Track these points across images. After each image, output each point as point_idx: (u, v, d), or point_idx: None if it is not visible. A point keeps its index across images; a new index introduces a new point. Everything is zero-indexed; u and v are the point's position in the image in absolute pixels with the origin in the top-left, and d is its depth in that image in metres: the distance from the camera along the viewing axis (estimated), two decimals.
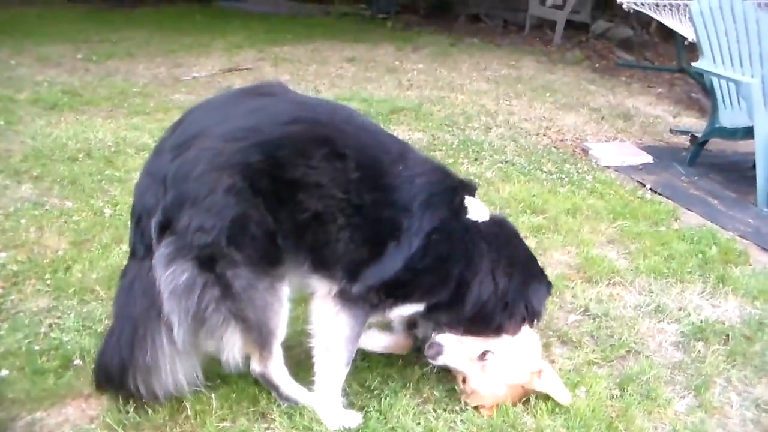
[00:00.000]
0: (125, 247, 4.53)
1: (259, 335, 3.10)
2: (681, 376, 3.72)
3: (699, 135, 7.74)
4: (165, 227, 2.92)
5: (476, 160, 7.11)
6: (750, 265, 5.13)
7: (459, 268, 3.17)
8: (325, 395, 3.24)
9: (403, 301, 3.24)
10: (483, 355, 3.27)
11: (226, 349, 3.10)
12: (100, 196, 5.51)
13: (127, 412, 3.16)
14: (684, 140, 8.44)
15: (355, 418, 3.23)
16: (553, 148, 7.76)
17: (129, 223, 3.18)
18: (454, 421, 3.26)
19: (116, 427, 3.08)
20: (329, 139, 3.02)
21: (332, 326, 3.17)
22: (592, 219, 5.68)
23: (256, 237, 2.96)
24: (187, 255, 2.90)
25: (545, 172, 6.89)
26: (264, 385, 3.30)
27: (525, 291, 3.31)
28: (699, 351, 3.93)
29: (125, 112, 8.03)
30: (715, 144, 7.92)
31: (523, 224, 5.40)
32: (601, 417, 3.30)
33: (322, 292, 3.19)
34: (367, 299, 3.14)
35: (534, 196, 6.09)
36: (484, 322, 3.27)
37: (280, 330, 3.13)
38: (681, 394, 3.60)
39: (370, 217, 3.05)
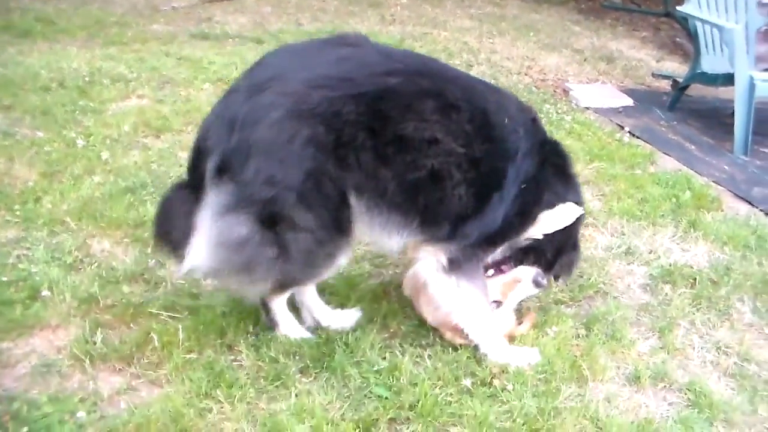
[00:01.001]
0: (97, 179, 4.59)
1: (291, 285, 3.16)
2: (646, 318, 3.76)
3: (681, 80, 7.72)
4: (222, 171, 2.77)
5: None
6: (722, 211, 5.15)
7: (542, 210, 3.27)
8: (492, 346, 3.27)
9: (498, 246, 3.32)
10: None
11: (253, 293, 3.17)
12: (72, 127, 5.44)
13: (95, 343, 3.18)
14: (665, 85, 8.44)
15: (533, 354, 3.31)
16: (533, 88, 7.74)
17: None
18: (421, 356, 3.28)
19: (83, 358, 3.08)
20: (438, 91, 2.89)
21: (461, 300, 3.20)
22: None
23: (331, 198, 2.82)
24: (248, 208, 2.75)
25: None
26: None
27: (573, 239, 3.55)
28: (666, 294, 3.96)
29: (101, 42, 7.93)
30: (696, 90, 7.90)
31: None
32: (565, 355, 3.34)
33: (431, 262, 3.17)
34: (475, 256, 3.18)
35: None
36: (540, 259, 3.45)
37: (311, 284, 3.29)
38: (645, 335, 3.64)
39: (482, 170, 2.98)
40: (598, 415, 3.02)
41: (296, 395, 2.97)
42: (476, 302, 3.23)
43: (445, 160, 2.87)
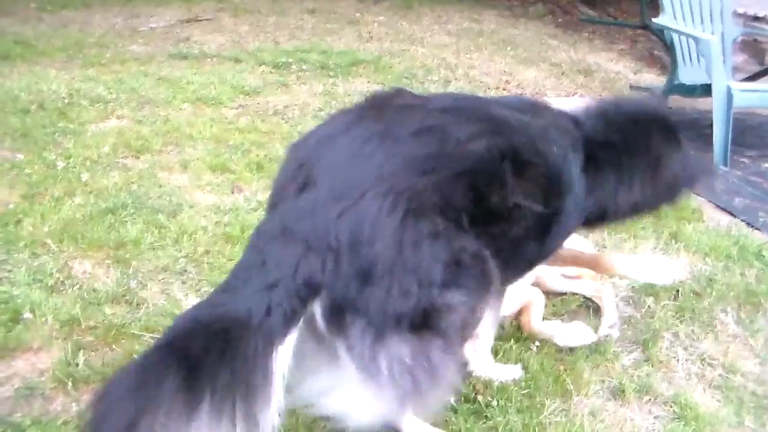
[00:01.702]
0: (78, 200, 4.56)
1: (425, 406, 2.61)
2: (630, 331, 3.76)
3: (659, 92, 7.77)
4: (341, 311, 2.22)
5: None
6: (703, 222, 5.17)
7: None
8: (480, 361, 3.27)
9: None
10: None
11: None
12: (52, 148, 5.40)
13: (77, 365, 3.14)
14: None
15: (516, 370, 3.31)
16: None
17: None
18: None
19: (66, 380, 3.05)
20: (511, 148, 2.56)
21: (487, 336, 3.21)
22: None
23: (470, 262, 2.38)
24: (394, 325, 2.22)
25: None
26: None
27: None
28: (649, 306, 3.96)
29: (80, 63, 7.89)
30: (675, 101, 7.93)
31: None
32: (549, 370, 3.34)
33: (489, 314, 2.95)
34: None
35: None
36: None
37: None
38: (629, 349, 3.63)
39: (549, 213, 2.73)
40: (583, 430, 3.01)
41: None
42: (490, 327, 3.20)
43: (525, 222, 2.63)
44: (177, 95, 6.88)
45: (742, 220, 5.28)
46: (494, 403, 3.08)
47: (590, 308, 3.92)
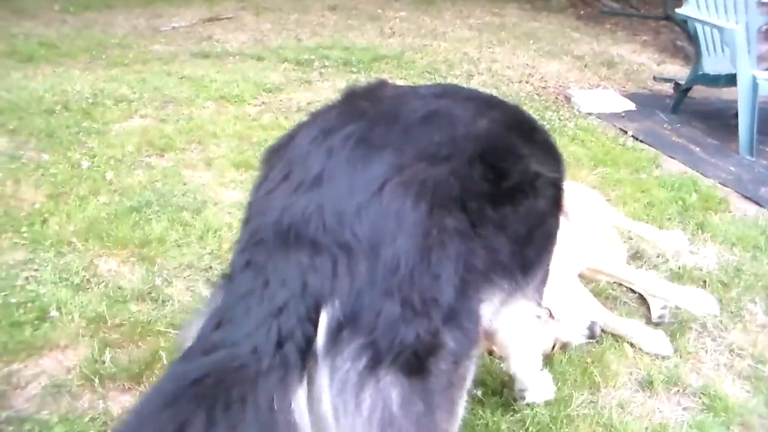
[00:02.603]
0: (103, 199, 4.57)
1: None
2: (655, 326, 3.72)
3: (682, 82, 7.71)
4: (344, 325, 1.77)
5: None
6: (730, 212, 5.13)
7: None
8: (536, 379, 3.10)
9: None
10: None
11: None
12: (77, 148, 5.43)
13: (103, 362, 3.17)
14: (668, 88, 8.41)
15: (550, 382, 3.16)
16: (535, 96, 7.73)
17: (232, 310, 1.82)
18: None
19: (92, 378, 3.07)
20: (513, 120, 2.38)
21: (535, 340, 3.00)
22: (573, 166, 5.65)
23: (473, 298, 1.99)
24: (395, 359, 1.77)
25: None
26: None
27: None
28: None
29: (103, 64, 7.92)
30: (699, 91, 7.89)
31: None
32: (576, 362, 3.33)
33: (524, 311, 2.65)
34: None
35: None
36: None
37: None
38: None
39: (559, 180, 2.48)
40: (611, 422, 3.00)
41: None
42: (533, 342, 3.06)
43: (546, 192, 2.33)
44: (200, 93, 6.90)
45: None
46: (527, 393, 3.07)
47: (617, 299, 3.88)
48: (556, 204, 2.44)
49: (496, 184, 2.09)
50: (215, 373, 1.66)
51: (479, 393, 3.09)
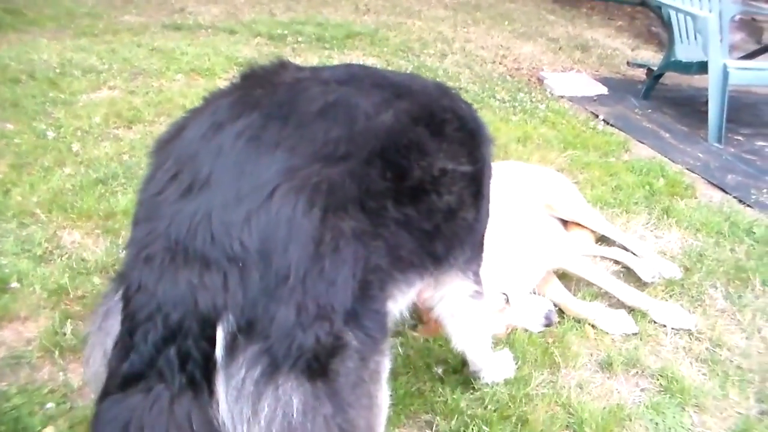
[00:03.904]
0: (68, 170, 4.52)
1: None
2: (620, 304, 3.75)
3: (655, 68, 7.76)
4: (240, 334, 1.74)
5: None
6: (696, 198, 5.18)
7: None
8: (490, 359, 3.09)
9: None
10: None
11: None
12: (42, 118, 5.38)
13: (64, 334, 3.15)
14: (641, 73, 8.47)
15: (510, 360, 3.20)
16: (508, 77, 7.75)
17: (129, 336, 1.77)
18: (392, 345, 3.26)
19: (53, 349, 3.06)
20: (422, 111, 2.23)
21: (481, 318, 2.89)
22: (543, 148, 5.69)
23: (376, 298, 1.97)
24: (294, 363, 1.75)
25: (498, 100, 6.90)
26: None
27: None
28: (639, 280, 3.96)
29: (71, 34, 7.84)
30: (672, 78, 7.95)
31: None
32: (537, 343, 3.35)
33: (456, 291, 2.70)
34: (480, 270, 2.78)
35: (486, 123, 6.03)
36: None
37: (382, 428, 2.15)
38: None
39: (476, 174, 2.43)
40: (570, 401, 3.03)
41: None
42: (486, 324, 3.03)
43: (457, 188, 2.29)
44: (170, 66, 6.85)
45: (734, 197, 5.29)
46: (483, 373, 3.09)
47: (581, 281, 3.91)
48: (473, 195, 2.41)
49: (396, 183, 2.03)
50: (137, 411, 1.67)
51: (440, 371, 3.11)
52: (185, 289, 1.71)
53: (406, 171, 2.07)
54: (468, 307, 2.75)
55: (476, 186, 2.42)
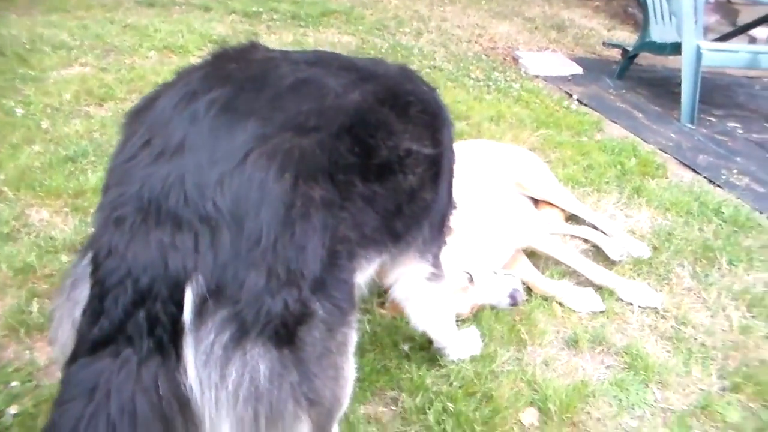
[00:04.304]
0: (37, 148, 4.48)
1: (328, 417, 2.12)
2: (588, 283, 3.77)
3: (630, 49, 7.78)
4: (210, 298, 1.75)
5: None
6: (667, 178, 5.21)
7: None
8: (454, 337, 3.12)
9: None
10: None
11: None
12: (11, 95, 5.32)
13: (30, 313, 3.13)
14: (616, 54, 8.51)
15: (477, 337, 3.23)
16: (483, 56, 7.75)
17: (94, 302, 1.76)
18: (360, 321, 3.25)
19: (18, 328, 3.04)
20: (388, 93, 2.27)
21: (440, 299, 2.92)
22: (516, 127, 5.70)
23: (344, 268, 2.01)
24: (262, 329, 1.77)
25: (473, 78, 6.90)
26: None
27: None
28: (607, 259, 3.99)
29: (42, 9, 7.74)
30: (646, 59, 7.99)
31: None
32: (504, 320, 3.38)
33: (413, 272, 2.73)
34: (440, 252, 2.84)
35: (459, 102, 6.09)
36: None
37: (348, 399, 2.19)
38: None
39: (436, 157, 2.46)
40: (535, 378, 3.06)
41: None
42: (447, 304, 3.06)
43: (420, 169, 2.34)
44: (143, 43, 6.79)
45: (704, 177, 5.33)
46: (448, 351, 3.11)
47: (549, 260, 3.93)
48: (434, 177, 2.45)
49: (363, 159, 2.06)
50: (104, 375, 1.67)
51: (406, 348, 3.12)
52: (156, 250, 1.71)
53: (373, 149, 2.10)
54: (424, 289, 2.79)
55: (437, 168, 2.46)
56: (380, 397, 2.92)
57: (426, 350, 3.13)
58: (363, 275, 2.32)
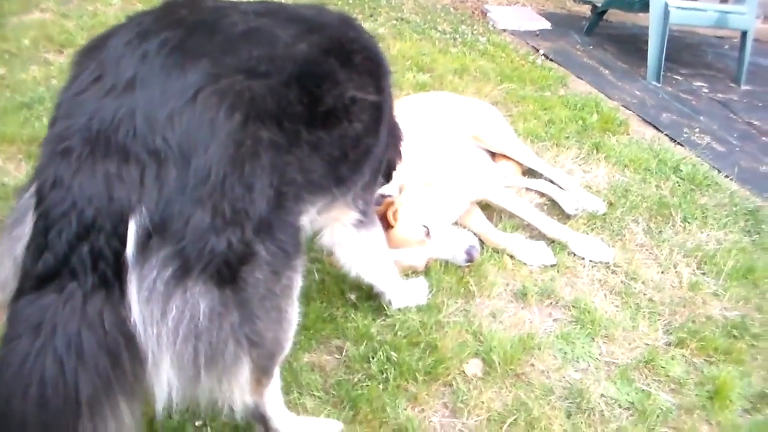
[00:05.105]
0: None
1: (269, 359, 2.14)
2: (541, 236, 3.79)
3: (600, 5, 7.74)
4: (154, 233, 1.75)
5: (371, 16, 7.05)
6: (628, 134, 5.22)
7: None
8: (396, 286, 3.14)
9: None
10: None
11: (234, 394, 2.06)
12: None
13: None
14: (586, 9, 8.45)
15: (423, 287, 3.25)
16: (451, 9, 7.71)
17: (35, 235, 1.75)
18: (309, 270, 3.26)
19: None
20: (333, 44, 2.30)
21: (372, 247, 2.92)
22: (479, 80, 5.68)
23: (290, 210, 2.04)
24: (204, 268, 1.78)
25: (439, 31, 6.85)
26: (245, 419, 2.35)
27: None
28: (562, 213, 4.01)
29: None
30: (616, 15, 7.97)
31: (407, 81, 5.42)
32: (453, 272, 3.39)
33: (342, 220, 2.74)
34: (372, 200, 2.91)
35: (424, 54, 6.06)
36: None
37: (290, 342, 2.21)
38: None
39: (379, 104, 2.49)
40: (480, 329, 3.08)
41: None
42: (385, 249, 3.09)
43: (364, 116, 2.37)
44: None
45: (665, 135, 5.35)
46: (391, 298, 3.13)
47: (502, 212, 3.93)
48: (376, 123, 2.48)
49: (310, 108, 2.09)
50: (50, 310, 1.68)
51: (353, 297, 3.13)
52: (102, 182, 1.71)
53: (320, 98, 2.13)
54: (352, 236, 2.80)
55: (379, 114, 2.49)
56: (325, 345, 2.94)
57: (373, 300, 3.14)
58: (308, 219, 2.34)
